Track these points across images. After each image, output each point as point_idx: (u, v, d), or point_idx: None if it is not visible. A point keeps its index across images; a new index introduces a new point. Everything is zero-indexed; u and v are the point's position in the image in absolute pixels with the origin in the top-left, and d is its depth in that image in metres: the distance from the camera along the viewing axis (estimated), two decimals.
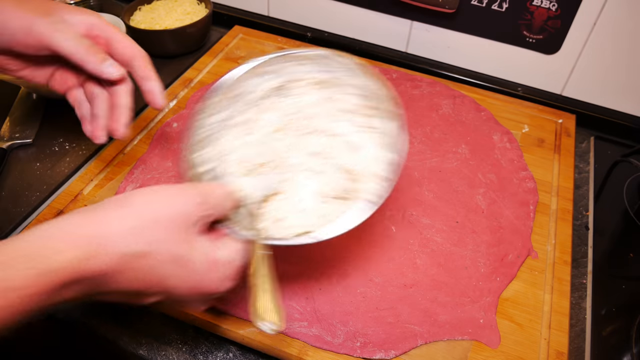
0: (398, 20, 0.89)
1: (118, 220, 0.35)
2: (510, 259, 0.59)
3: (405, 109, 0.78)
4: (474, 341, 0.52)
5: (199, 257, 0.38)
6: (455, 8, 0.82)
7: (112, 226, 0.34)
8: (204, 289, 0.39)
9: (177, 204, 0.37)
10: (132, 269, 0.34)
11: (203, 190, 0.40)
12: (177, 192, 0.38)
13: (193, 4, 0.93)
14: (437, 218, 0.63)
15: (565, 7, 0.76)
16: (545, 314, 0.55)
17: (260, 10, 0.99)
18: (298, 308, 0.53)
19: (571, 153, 0.74)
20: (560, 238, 0.62)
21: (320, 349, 0.50)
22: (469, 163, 0.70)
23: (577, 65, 0.82)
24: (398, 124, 0.49)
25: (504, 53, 0.85)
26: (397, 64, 0.89)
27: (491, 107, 0.81)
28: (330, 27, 0.96)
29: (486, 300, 0.55)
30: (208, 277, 0.39)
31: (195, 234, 0.38)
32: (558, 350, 0.52)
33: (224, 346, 0.54)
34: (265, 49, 0.91)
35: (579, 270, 0.63)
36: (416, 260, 0.58)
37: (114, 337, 0.54)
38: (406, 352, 0.51)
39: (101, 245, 0.33)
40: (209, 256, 0.38)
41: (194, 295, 0.39)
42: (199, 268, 0.38)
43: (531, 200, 0.66)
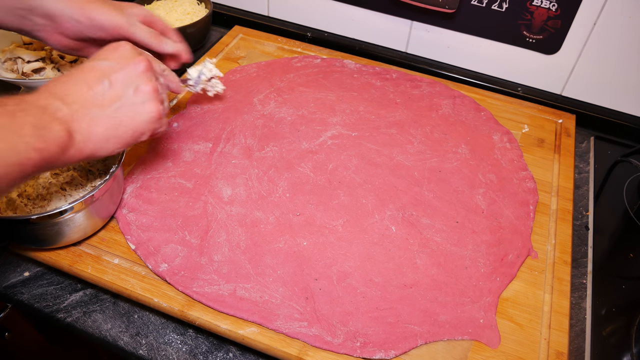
0: (398, 20, 0.89)
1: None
2: (510, 259, 0.59)
3: (405, 109, 0.78)
4: (474, 341, 0.52)
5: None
6: (455, 8, 0.82)
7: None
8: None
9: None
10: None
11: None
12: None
13: (193, 4, 0.93)
14: (437, 218, 0.63)
15: (565, 7, 0.76)
16: (545, 314, 0.55)
17: (260, 10, 0.99)
18: (298, 308, 0.53)
19: (571, 153, 0.74)
20: (560, 238, 0.62)
21: (320, 349, 0.50)
22: (469, 163, 0.70)
23: (577, 65, 0.82)
24: None
25: (504, 53, 0.85)
26: (397, 64, 0.89)
27: (491, 107, 0.81)
28: (330, 27, 0.96)
29: (486, 300, 0.55)
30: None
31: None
32: (558, 350, 0.52)
33: (224, 346, 0.54)
34: (265, 49, 0.91)
35: (579, 270, 0.63)
36: (416, 260, 0.58)
37: (114, 337, 0.54)
38: (406, 352, 0.51)
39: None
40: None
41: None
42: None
43: (531, 200, 0.66)
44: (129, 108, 0.48)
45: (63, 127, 0.42)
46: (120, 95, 0.47)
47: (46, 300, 0.57)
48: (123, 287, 0.54)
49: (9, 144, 0.37)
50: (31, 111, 0.40)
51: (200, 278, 0.55)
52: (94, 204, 0.54)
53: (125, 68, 0.48)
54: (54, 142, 0.41)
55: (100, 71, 0.47)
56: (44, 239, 0.54)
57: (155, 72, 0.52)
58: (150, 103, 0.49)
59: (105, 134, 0.46)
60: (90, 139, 0.45)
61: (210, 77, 0.70)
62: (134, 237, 0.59)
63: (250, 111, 0.76)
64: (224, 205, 0.62)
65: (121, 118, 0.47)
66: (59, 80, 0.46)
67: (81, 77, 0.46)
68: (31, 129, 0.39)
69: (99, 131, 0.45)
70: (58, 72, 0.74)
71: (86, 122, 0.44)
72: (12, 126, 0.38)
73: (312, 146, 0.70)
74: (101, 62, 0.48)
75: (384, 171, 0.67)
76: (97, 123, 0.45)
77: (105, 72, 0.47)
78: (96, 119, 0.45)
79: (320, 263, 0.57)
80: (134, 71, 0.49)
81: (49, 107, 0.42)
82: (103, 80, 0.46)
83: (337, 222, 0.61)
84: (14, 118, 0.38)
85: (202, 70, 0.69)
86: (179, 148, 0.70)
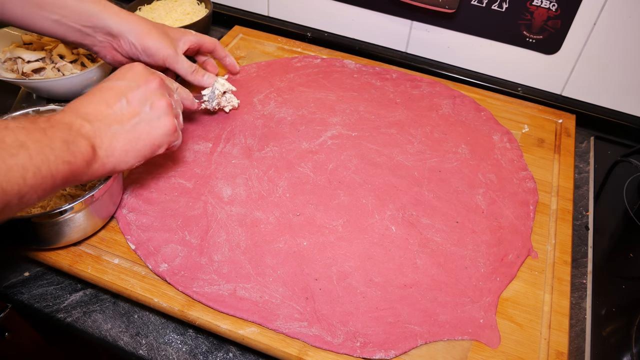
0: (398, 20, 0.89)
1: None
2: (510, 259, 0.59)
3: (405, 109, 0.78)
4: (474, 341, 0.52)
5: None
6: (455, 8, 0.82)
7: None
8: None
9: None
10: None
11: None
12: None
13: (193, 4, 0.93)
14: (437, 218, 0.63)
15: (565, 7, 0.76)
16: (545, 314, 0.55)
17: (260, 10, 0.99)
18: (298, 308, 0.53)
19: (571, 153, 0.74)
20: (560, 238, 0.62)
21: (320, 349, 0.50)
22: (469, 163, 0.70)
23: (577, 65, 0.82)
24: None
25: (504, 53, 0.85)
26: (397, 64, 0.89)
27: (491, 107, 0.81)
28: (330, 27, 0.96)
29: (486, 300, 0.55)
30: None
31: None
32: (558, 350, 0.52)
33: (224, 346, 0.55)
34: (265, 49, 0.91)
35: (579, 270, 0.63)
36: (416, 260, 0.58)
37: (114, 337, 0.54)
38: (406, 352, 0.51)
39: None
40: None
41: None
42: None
43: (531, 200, 0.66)
44: (146, 123, 0.50)
45: (88, 142, 0.44)
46: (137, 111, 0.50)
47: (46, 300, 0.57)
48: (123, 287, 0.54)
49: (43, 155, 0.40)
50: (59, 127, 0.43)
51: (200, 278, 0.55)
52: (94, 204, 0.54)
53: (140, 86, 0.51)
54: (81, 156, 0.43)
55: (117, 90, 0.50)
56: (44, 239, 0.54)
57: (168, 89, 0.55)
58: (166, 117, 0.52)
59: (125, 149, 0.49)
60: (113, 154, 0.47)
61: (223, 91, 0.71)
62: (134, 237, 0.59)
63: (250, 111, 0.76)
64: (224, 205, 0.62)
65: (140, 132, 0.50)
66: (80, 100, 0.48)
67: (100, 96, 0.49)
68: (61, 144, 0.42)
69: (119, 146, 0.48)
70: (58, 72, 0.74)
71: (108, 138, 0.47)
72: (45, 140, 0.40)
73: (312, 146, 0.70)
74: (117, 82, 0.51)
75: (384, 171, 0.67)
76: (117, 139, 0.48)
77: (122, 91, 0.50)
78: (117, 135, 0.48)
79: (320, 263, 0.57)
80: (149, 89, 0.51)
81: (74, 124, 0.45)
82: (121, 99, 0.49)
83: (337, 222, 0.61)
84: (45, 133, 0.41)
85: (215, 85, 0.71)
86: (179, 148, 0.70)
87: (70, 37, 0.62)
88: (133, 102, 0.50)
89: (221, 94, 0.72)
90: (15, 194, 0.38)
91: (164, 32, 0.67)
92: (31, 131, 0.40)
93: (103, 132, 0.47)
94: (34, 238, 0.54)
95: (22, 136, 0.39)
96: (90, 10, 0.60)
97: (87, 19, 0.60)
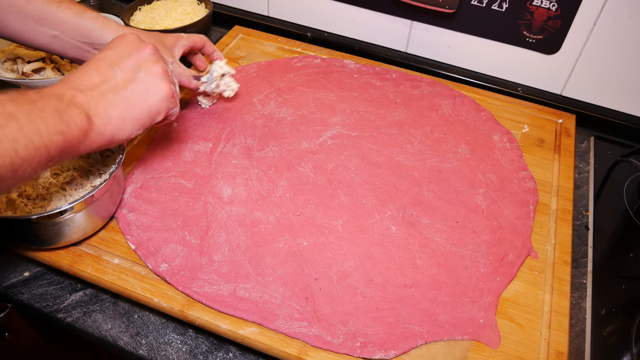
0: (398, 20, 0.89)
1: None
2: (510, 259, 0.59)
3: (405, 109, 0.78)
4: (474, 341, 0.52)
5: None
6: (455, 8, 0.82)
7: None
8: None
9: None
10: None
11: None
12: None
13: (193, 4, 0.93)
14: (437, 218, 0.63)
15: (565, 7, 0.76)
16: (545, 314, 0.55)
17: (260, 10, 0.99)
18: (298, 308, 0.53)
19: (571, 153, 0.74)
20: (560, 238, 0.62)
21: (320, 349, 0.50)
22: (469, 163, 0.70)
23: (577, 65, 0.82)
24: None
25: (504, 53, 0.85)
26: (397, 64, 0.89)
27: (491, 107, 0.81)
28: (330, 27, 0.96)
29: (486, 300, 0.55)
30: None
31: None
32: (558, 350, 0.52)
33: (224, 346, 0.54)
34: (265, 49, 0.91)
35: (579, 270, 0.63)
36: (416, 260, 0.58)
37: (114, 337, 0.54)
38: (406, 352, 0.51)
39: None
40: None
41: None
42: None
43: (531, 200, 0.66)
44: (142, 89, 0.50)
45: (81, 111, 0.44)
46: (131, 78, 0.49)
47: (46, 300, 0.57)
48: (123, 287, 0.54)
49: (33, 126, 0.39)
50: (50, 99, 0.42)
51: (200, 278, 0.55)
52: (94, 204, 0.54)
53: (133, 54, 0.50)
54: (75, 125, 0.43)
55: (110, 60, 0.49)
56: (44, 239, 0.54)
57: (162, 57, 0.54)
58: (162, 82, 0.51)
59: (122, 116, 0.48)
60: (109, 121, 0.47)
61: (222, 73, 0.71)
62: (134, 237, 0.59)
63: (250, 111, 0.76)
64: (224, 205, 0.62)
65: (136, 99, 0.49)
66: (72, 73, 0.48)
67: (93, 67, 0.48)
68: (52, 113, 0.41)
69: (116, 114, 0.47)
70: (58, 72, 0.74)
71: (103, 106, 0.46)
72: (35, 111, 0.40)
73: (312, 146, 0.70)
74: (109, 51, 0.50)
75: (384, 171, 0.67)
76: (113, 106, 0.47)
77: (114, 59, 0.49)
78: (112, 103, 0.47)
79: (320, 263, 0.57)
80: (142, 55, 0.51)
81: (65, 94, 0.44)
82: (114, 67, 0.49)
83: (337, 222, 0.61)
84: (35, 104, 0.40)
85: (213, 67, 0.70)
86: (179, 148, 0.70)
87: (70, 53, 0.62)
88: (126, 69, 0.49)
89: (220, 77, 0.71)
90: (8, 167, 0.37)
91: (161, 42, 0.68)
92: (20, 103, 0.39)
93: (97, 100, 0.46)
94: (34, 238, 0.54)
95: (10, 107, 0.38)
96: (89, 27, 0.60)
97: (86, 35, 0.60)
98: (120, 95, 0.48)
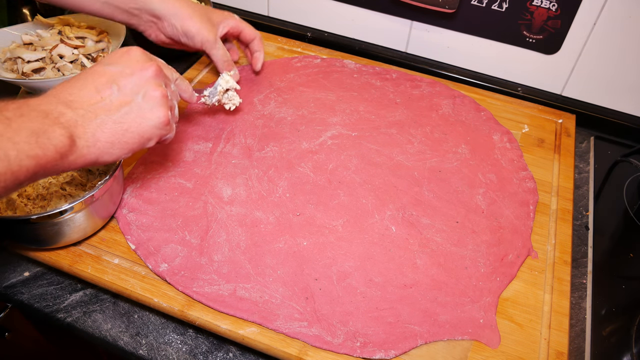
0: (398, 20, 0.89)
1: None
2: (510, 259, 0.59)
3: (405, 109, 0.78)
4: (474, 341, 0.52)
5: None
6: (455, 8, 0.82)
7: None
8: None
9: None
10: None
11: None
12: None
13: None
14: (437, 218, 0.63)
15: (565, 7, 0.76)
16: (545, 314, 0.55)
17: (260, 10, 0.99)
18: (298, 308, 0.53)
19: (571, 153, 0.74)
20: (560, 238, 0.62)
21: (320, 349, 0.50)
22: (469, 163, 0.70)
23: (577, 65, 0.82)
24: None
25: (504, 53, 0.85)
26: (397, 64, 0.89)
27: (491, 107, 0.81)
28: (330, 27, 0.96)
29: (486, 300, 0.55)
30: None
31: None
32: (558, 350, 0.52)
33: (224, 346, 0.54)
34: (265, 49, 0.91)
35: (579, 270, 0.63)
36: (416, 260, 0.58)
37: (114, 337, 0.54)
38: (406, 352, 0.51)
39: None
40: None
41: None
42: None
43: (531, 200, 0.66)
44: (137, 113, 0.47)
45: (65, 132, 0.41)
46: (128, 100, 0.47)
47: (46, 300, 0.57)
48: (123, 287, 0.54)
49: (1, 152, 0.36)
50: (31, 116, 0.39)
51: (200, 278, 0.55)
52: (94, 204, 0.54)
53: (135, 73, 0.48)
54: (53, 148, 0.40)
55: (109, 76, 0.47)
56: (44, 239, 0.54)
57: (165, 78, 0.52)
58: (159, 109, 0.49)
59: (110, 140, 0.45)
60: (95, 144, 0.44)
61: (226, 88, 0.69)
62: (134, 237, 0.59)
63: (250, 111, 0.76)
64: (224, 205, 0.62)
65: (129, 123, 0.47)
66: (66, 84, 0.45)
67: (89, 81, 0.46)
68: (28, 136, 0.38)
69: (105, 137, 0.45)
70: (58, 72, 0.74)
71: (92, 128, 0.44)
72: (8, 133, 0.37)
73: (312, 146, 0.70)
74: (110, 66, 0.48)
75: (384, 171, 0.67)
76: (103, 129, 0.45)
77: (114, 76, 0.47)
78: (102, 125, 0.45)
79: (320, 263, 0.57)
80: (144, 76, 0.48)
81: (52, 112, 0.41)
82: (112, 85, 0.46)
83: (337, 222, 0.61)
84: (9, 125, 0.38)
85: (219, 81, 0.69)
86: (179, 148, 0.70)
87: (118, 17, 0.65)
88: (125, 89, 0.47)
89: (223, 91, 0.70)
90: None
91: (206, 15, 0.68)
92: None
93: (87, 121, 0.43)
94: (34, 238, 0.54)
95: None
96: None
97: (133, 0, 0.63)
98: (112, 117, 0.45)
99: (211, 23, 0.69)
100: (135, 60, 0.49)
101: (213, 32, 0.69)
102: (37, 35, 0.78)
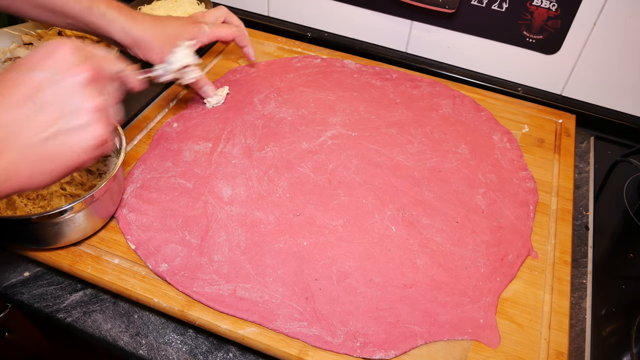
0: (398, 20, 0.89)
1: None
2: (510, 259, 0.59)
3: (405, 109, 0.78)
4: (474, 341, 0.52)
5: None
6: (455, 8, 0.82)
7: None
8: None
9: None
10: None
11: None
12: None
13: (193, 4, 0.93)
14: (437, 218, 0.63)
15: (565, 7, 0.76)
16: (545, 314, 0.55)
17: (260, 10, 0.99)
18: (298, 308, 0.53)
19: (571, 153, 0.74)
20: (560, 238, 0.62)
21: (320, 349, 0.50)
22: (469, 163, 0.70)
23: (577, 65, 0.82)
24: None
25: (504, 53, 0.85)
26: (397, 64, 0.89)
27: (491, 107, 0.81)
28: (330, 27, 0.96)
29: (486, 300, 0.55)
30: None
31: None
32: (558, 350, 0.52)
33: (224, 346, 0.55)
34: (265, 49, 0.91)
35: (579, 270, 0.63)
36: (416, 260, 0.58)
37: (114, 337, 0.54)
38: (406, 352, 0.51)
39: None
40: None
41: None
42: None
43: (531, 200, 0.66)
44: (65, 135, 0.37)
45: None
46: (53, 119, 0.37)
47: (46, 300, 0.57)
48: (123, 287, 0.54)
49: None
50: None
51: (200, 278, 0.55)
52: (94, 204, 0.54)
53: (61, 81, 0.37)
54: None
55: (29, 86, 0.36)
56: (44, 239, 0.54)
57: (103, 81, 0.41)
58: (93, 127, 0.38)
59: (29, 171, 0.36)
60: (8, 178, 0.35)
61: (182, 66, 0.62)
62: (134, 237, 0.59)
63: (250, 111, 0.76)
64: (224, 205, 0.62)
65: (54, 149, 0.37)
66: None
67: (3, 94, 0.36)
68: None
69: (22, 168, 0.36)
70: None
71: (6, 158, 0.35)
72: None
73: (312, 146, 0.70)
74: (31, 73, 0.37)
75: (384, 171, 0.67)
76: (18, 159, 0.36)
77: (35, 87, 0.36)
78: (17, 155, 0.35)
79: (320, 263, 0.57)
80: (73, 84, 0.38)
81: None
82: (32, 99, 0.36)
83: (337, 222, 0.61)
84: None
85: (174, 57, 0.62)
86: (179, 148, 0.70)
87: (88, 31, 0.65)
88: (48, 105, 0.36)
89: (178, 69, 0.63)
90: None
91: (163, 35, 0.65)
92: None
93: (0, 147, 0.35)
94: (34, 238, 0.54)
95: None
96: (97, 23, 0.62)
97: (93, 28, 0.63)
98: (32, 142, 0.36)
99: (172, 45, 0.65)
100: (63, 62, 0.38)
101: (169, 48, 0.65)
102: (37, 35, 0.78)
